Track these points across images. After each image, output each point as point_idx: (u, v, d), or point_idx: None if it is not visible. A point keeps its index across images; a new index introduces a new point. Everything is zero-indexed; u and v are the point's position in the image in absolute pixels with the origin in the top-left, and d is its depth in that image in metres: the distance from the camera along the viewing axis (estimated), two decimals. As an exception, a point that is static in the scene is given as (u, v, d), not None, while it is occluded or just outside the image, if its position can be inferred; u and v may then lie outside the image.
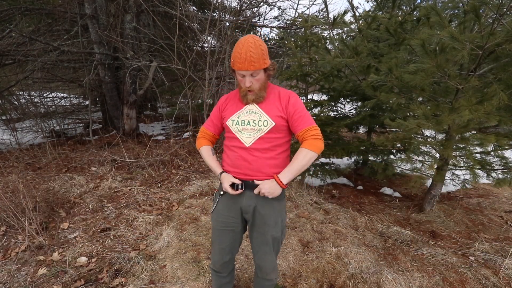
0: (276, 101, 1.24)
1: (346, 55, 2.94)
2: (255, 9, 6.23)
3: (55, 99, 7.21)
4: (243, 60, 1.09)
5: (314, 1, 4.94)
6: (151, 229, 2.49)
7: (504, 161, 2.68)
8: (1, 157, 4.54)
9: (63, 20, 5.43)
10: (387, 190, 3.68)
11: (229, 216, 1.28)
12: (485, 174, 2.76)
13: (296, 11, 5.40)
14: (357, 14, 3.22)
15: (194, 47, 5.89)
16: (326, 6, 3.08)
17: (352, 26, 3.22)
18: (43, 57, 4.79)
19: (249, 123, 1.22)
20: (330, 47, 3.42)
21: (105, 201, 3.02)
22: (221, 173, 1.28)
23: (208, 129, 1.39)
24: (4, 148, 5.22)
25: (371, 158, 4.09)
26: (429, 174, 2.98)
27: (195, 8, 6.35)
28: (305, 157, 1.16)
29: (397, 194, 3.57)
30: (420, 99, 2.77)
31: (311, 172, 3.59)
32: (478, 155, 2.79)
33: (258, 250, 1.31)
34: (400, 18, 2.80)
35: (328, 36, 3.34)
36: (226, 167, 1.30)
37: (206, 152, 1.36)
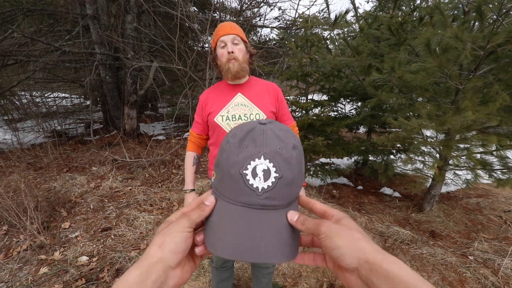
0: (264, 94, 1.22)
1: (346, 55, 2.94)
2: (256, 9, 6.24)
3: (57, 99, 7.23)
4: (224, 27, 1.17)
5: (314, 2, 4.94)
6: (151, 229, 2.50)
7: (504, 161, 2.68)
8: (3, 157, 4.56)
9: (64, 20, 5.45)
10: (387, 190, 3.69)
11: None
12: (487, 175, 2.76)
13: (296, 12, 5.41)
14: (358, 14, 3.22)
15: (195, 47, 5.90)
16: (327, 6, 3.08)
17: (353, 26, 3.22)
18: (44, 57, 4.81)
19: (241, 118, 1.16)
20: (330, 46, 3.43)
21: (106, 200, 3.03)
22: (190, 190, 1.26)
23: (194, 130, 1.31)
24: (6, 148, 5.24)
25: (371, 158, 4.09)
26: (430, 175, 2.98)
27: (195, 9, 6.35)
28: None
29: (397, 194, 3.57)
30: (420, 99, 2.77)
31: (311, 172, 3.60)
32: (478, 155, 2.79)
33: None
34: (400, 18, 2.81)
35: (328, 36, 3.35)
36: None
37: (188, 159, 1.31)
